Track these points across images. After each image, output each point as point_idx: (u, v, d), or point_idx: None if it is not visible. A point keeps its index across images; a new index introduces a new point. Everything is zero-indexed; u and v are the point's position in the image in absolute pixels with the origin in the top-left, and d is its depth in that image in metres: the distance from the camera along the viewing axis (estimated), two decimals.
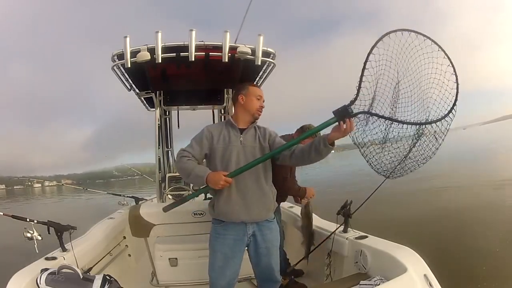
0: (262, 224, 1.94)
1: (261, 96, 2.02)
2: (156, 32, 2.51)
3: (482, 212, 6.70)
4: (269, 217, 1.98)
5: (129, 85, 3.26)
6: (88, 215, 10.15)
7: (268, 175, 1.98)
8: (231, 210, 1.87)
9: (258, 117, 2.02)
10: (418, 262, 1.77)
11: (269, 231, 1.97)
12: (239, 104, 2.00)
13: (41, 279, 1.68)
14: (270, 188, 1.97)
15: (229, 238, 1.90)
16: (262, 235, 1.94)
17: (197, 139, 1.95)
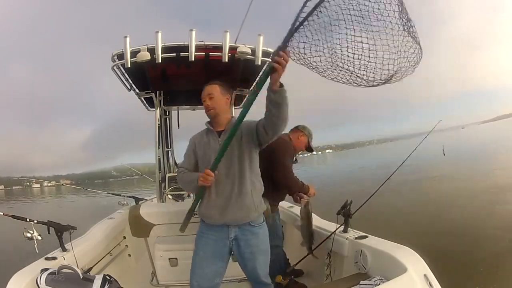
0: (245, 228, 1.83)
1: (204, 96, 1.91)
2: (156, 32, 2.51)
3: (482, 212, 6.71)
4: (252, 220, 1.83)
5: (129, 85, 3.26)
6: (88, 215, 10.15)
7: (252, 174, 1.84)
8: (209, 213, 1.84)
9: (209, 117, 1.93)
10: (418, 262, 1.77)
11: (253, 236, 1.85)
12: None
13: (41, 279, 1.68)
14: (254, 188, 1.83)
15: (211, 238, 1.86)
16: (246, 240, 1.83)
17: (186, 151, 2.00)
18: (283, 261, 2.77)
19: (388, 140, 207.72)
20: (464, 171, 13.08)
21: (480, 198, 8.10)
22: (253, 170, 1.84)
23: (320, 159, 68.72)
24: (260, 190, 1.88)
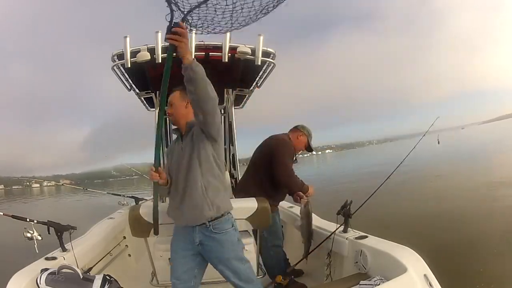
0: (208, 234, 1.74)
1: (167, 104, 1.90)
2: (156, 32, 2.52)
3: (482, 212, 6.71)
4: (210, 220, 1.72)
5: (129, 85, 3.26)
6: (87, 214, 10.16)
7: (205, 171, 1.72)
8: (171, 214, 1.85)
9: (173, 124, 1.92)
10: (418, 262, 1.77)
11: (216, 243, 1.74)
12: None
13: (41, 279, 1.68)
14: (208, 186, 1.71)
15: (180, 239, 1.83)
16: (210, 246, 1.75)
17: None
18: (283, 261, 2.77)
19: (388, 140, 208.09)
20: (463, 171, 13.09)
21: (480, 198, 8.10)
22: (206, 167, 1.72)
23: (320, 159, 68.76)
24: (218, 188, 1.74)
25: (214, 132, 1.67)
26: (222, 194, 1.77)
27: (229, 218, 1.79)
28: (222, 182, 1.78)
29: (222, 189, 1.78)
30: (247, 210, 2.25)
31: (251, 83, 3.48)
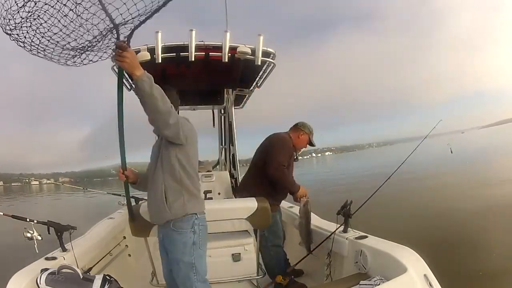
0: (166, 231, 1.75)
1: None
2: (156, 32, 2.51)
3: (482, 213, 6.71)
4: (170, 221, 1.71)
5: (129, 85, 3.26)
6: (87, 213, 10.14)
7: (166, 172, 1.72)
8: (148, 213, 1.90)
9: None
10: (418, 262, 1.77)
11: (169, 240, 1.75)
12: None
13: (41, 279, 1.68)
14: (167, 187, 1.71)
15: (159, 237, 1.90)
16: (164, 242, 1.80)
17: None
18: (283, 261, 2.77)
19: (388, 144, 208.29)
20: (463, 174, 13.08)
21: (480, 198, 8.10)
22: (167, 169, 1.72)
23: (320, 161, 68.80)
24: (179, 191, 1.72)
25: (172, 137, 1.65)
26: (184, 198, 1.72)
27: (192, 220, 1.72)
28: (185, 185, 1.73)
29: (185, 193, 1.73)
30: (247, 210, 2.26)
31: (251, 83, 3.47)
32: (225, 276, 2.36)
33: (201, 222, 1.78)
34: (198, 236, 1.74)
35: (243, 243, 2.38)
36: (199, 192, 1.82)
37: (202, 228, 1.78)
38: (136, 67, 1.47)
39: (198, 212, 1.76)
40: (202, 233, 1.77)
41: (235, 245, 2.38)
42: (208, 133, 4.58)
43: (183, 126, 1.64)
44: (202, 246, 1.77)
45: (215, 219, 2.25)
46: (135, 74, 1.47)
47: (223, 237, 2.37)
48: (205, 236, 1.81)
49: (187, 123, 1.77)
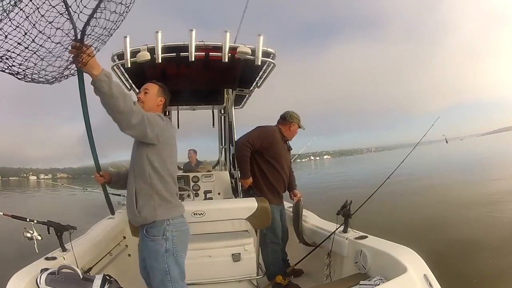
0: (141, 235, 1.72)
1: (141, 89, 1.89)
2: (156, 32, 2.51)
3: (482, 213, 6.71)
4: (143, 225, 1.67)
5: (129, 85, 3.26)
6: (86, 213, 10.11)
7: (137, 176, 1.68)
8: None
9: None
10: (418, 262, 1.77)
11: (144, 246, 1.71)
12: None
13: (41, 279, 1.68)
14: (138, 192, 1.66)
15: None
16: (142, 247, 1.75)
17: None
18: (281, 261, 2.76)
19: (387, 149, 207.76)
20: (463, 177, 13.07)
21: (480, 199, 8.10)
22: (138, 171, 1.67)
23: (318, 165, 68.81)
24: (149, 195, 1.65)
25: (137, 137, 1.60)
26: (154, 202, 1.65)
27: (163, 226, 1.65)
28: (156, 189, 1.65)
29: (156, 197, 1.65)
30: (247, 210, 2.26)
31: (251, 83, 3.47)
32: (225, 276, 2.36)
33: (175, 228, 1.68)
34: (172, 243, 1.65)
35: (243, 243, 2.38)
36: (174, 197, 1.73)
37: (177, 234, 1.68)
38: (94, 66, 1.37)
39: (170, 217, 1.67)
40: (177, 240, 1.67)
41: (235, 245, 2.38)
42: (208, 133, 4.58)
43: (152, 125, 1.55)
44: (178, 252, 1.67)
45: (215, 219, 2.25)
46: (93, 74, 1.37)
47: (223, 237, 2.37)
48: (183, 242, 1.73)
49: (161, 121, 1.66)
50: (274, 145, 2.79)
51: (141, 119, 1.49)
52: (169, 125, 1.74)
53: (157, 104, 1.86)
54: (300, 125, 2.95)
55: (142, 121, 1.50)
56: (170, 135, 1.72)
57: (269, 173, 2.79)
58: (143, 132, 1.53)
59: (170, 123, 1.81)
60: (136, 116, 1.47)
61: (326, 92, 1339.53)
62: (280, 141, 2.85)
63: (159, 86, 1.91)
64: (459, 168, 15.77)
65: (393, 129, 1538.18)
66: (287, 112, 2.95)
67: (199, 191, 3.80)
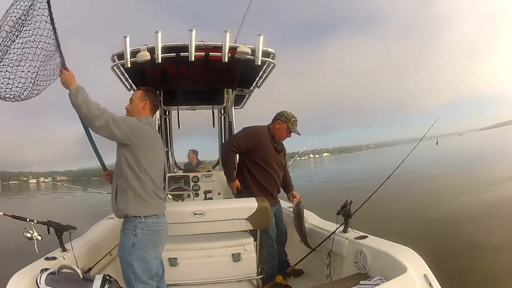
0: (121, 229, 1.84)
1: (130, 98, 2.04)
2: (156, 32, 2.51)
3: (482, 213, 6.70)
4: (118, 215, 1.82)
5: (129, 85, 3.26)
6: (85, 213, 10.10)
7: (117, 173, 1.82)
8: None
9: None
10: (418, 262, 1.77)
11: (120, 239, 1.81)
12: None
13: (41, 279, 1.68)
14: (118, 188, 1.80)
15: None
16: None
17: None
18: (275, 262, 2.74)
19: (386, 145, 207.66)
20: (463, 174, 13.06)
21: (480, 199, 8.09)
22: (118, 169, 1.81)
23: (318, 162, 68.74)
24: (125, 190, 1.77)
25: (108, 137, 1.74)
26: (128, 198, 1.76)
27: (134, 222, 1.75)
28: (131, 185, 1.76)
29: (131, 193, 1.76)
30: (247, 210, 2.26)
31: (251, 83, 3.47)
32: (225, 276, 2.36)
33: (147, 227, 1.76)
34: (140, 240, 1.74)
35: (243, 243, 2.38)
36: (150, 195, 1.79)
37: (148, 232, 1.76)
38: (70, 83, 1.70)
39: (143, 215, 1.76)
40: (146, 237, 1.75)
41: (235, 245, 2.38)
42: (208, 133, 4.58)
43: (120, 126, 1.70)
44: (145, 249, 1.75)
45: (215, 219, 2.25)
46: (68, 88, 1.69)
47: (223, 237, 2.37)
48: (154, 241, 1.79)
49: (136, 122, 1.79)
50: (262, 145, 2.73)
51: (104, 122, 1.66)
52: (148, 127, 1.84)
53: (142, 108, 1.97)
54: (289, 126, 2.80)
55: (107, 124, 1.67)
56: (146, 136, 1.82)
57: (258, 174, 2.73)
58: (110, 133, 1.69)
59: (151, 126, 1.89)
60: (99, 120, 1.66)
61: (325, 90, 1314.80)
62: (269, 140, 2.77)
63: (143, 90, 2.01)
64: (458, 164, 15.75)
65: (392, 126, 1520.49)
66: (281, 111, 2.87)
67: (199, 191, 3.80)
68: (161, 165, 1.98)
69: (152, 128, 1.88)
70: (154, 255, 1.80)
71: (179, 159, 4.86)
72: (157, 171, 1.88)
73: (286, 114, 2.81)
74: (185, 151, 5.43)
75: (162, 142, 2.04)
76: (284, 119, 2.79)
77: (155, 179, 1.83)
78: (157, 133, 1.97)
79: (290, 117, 2.80)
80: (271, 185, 2.78)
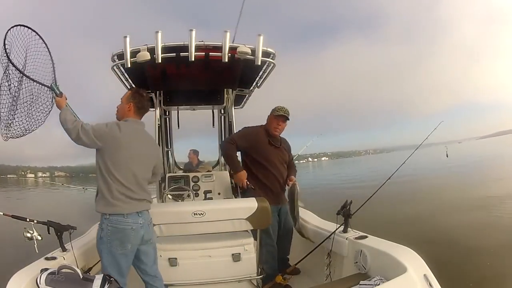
0: None
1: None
2: (156, 32, 2.51)
3: (481, 214, 6.71)
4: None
5: (129, 85, 3.26)
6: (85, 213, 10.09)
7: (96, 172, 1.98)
8: None
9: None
10: (418, 262, 1.77)
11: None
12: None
13: (41, 279, 1.68)
14: (97, 184, 1.96)
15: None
16: None
17: None
18: (275, 261, 2.74)
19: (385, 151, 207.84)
20: (463, 179, 13.06)
21: (480, 199, 8.10)
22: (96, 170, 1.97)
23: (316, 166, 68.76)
24: (99, 190, 1.93)
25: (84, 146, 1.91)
26: (98, 196, 1.93)
27: (102, 218, 1.91)
28: (100, 185, 1.92)
29: (99, 192, 1.92)
30: (247, 210, 2.26)
31: (251, 83, 3.47)
32: (225, 276, 2.36)
33: (110, 223, 1.87)
34: (106, 235, 1.89)
35: (243, 243, 2.38)
36: (114, 196, 1.88)
37: (112, 229, 1.87)
38: (60, 106, 2.01)
39: (107, 213, 1.88)
40: (111, 234, 1.87)
41: (235, 245, 2.38)
42: (208, 133, 4.58)
43: (87, 133, 1.87)
44: (111, 245, 1.88)
45: (215, 219, 2.25)
46: (58, 109, 2.01)
47: (223, 237, 2.37)
48: (118, 239, 1.88)
49: (102, 128, 1.92)
50: (259, 143, 2.81)
51: (76, 135, 1.87)
52: (114, 130, 1.93)
53: (127, 109, 2.05)
54: (275, 113, 2.84)
55: (78, 136, 1.87)
56: (111, 139, 1.92)
57: (258, 172, 2.79)
58: (81, 140, 1.88)
59: (117, 129, 1.94)
60: (73, 132, 1.87)
61: (324, 92, 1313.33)
62: (265, 139, 2.84)
63: (130, 92, 2.10)
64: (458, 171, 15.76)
65: (391, 131, 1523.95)
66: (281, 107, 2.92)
67: (199, 191, 3.80)
68: (137, 165, 1.98)
69: (119, 130, 1.94)
70: (120, 252, 1.90)
71: (179, 159, 4.87)
72: (128, 172, 1.93)
73: (273, 109, 2.91)
74: (184, 151, 5.42)
75: (143, 140, 2.06)
76: (272, 112, 2.90)
77: (123, 180, 1.90)
78: (131, 133, 1.99)
79: (276, 109, 2.89)
80: (271, 182, 2.79)
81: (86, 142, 1.88)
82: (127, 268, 1.97)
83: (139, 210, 1.94)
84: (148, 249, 2.06)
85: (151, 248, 2.09)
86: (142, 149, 2.01)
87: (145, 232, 1.98)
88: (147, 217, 2.01)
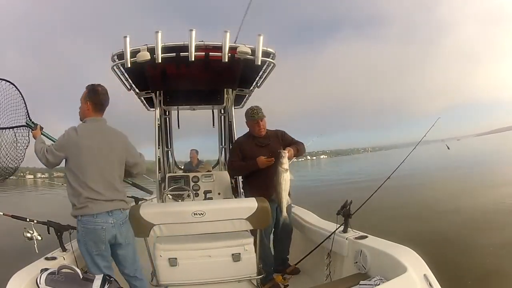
0: None
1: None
2: (156, 32, 2.51)
3: (481, 214, 6.70)
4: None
5: (129, 85, 3.26)
6: None
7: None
8: None
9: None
10: (418, 262, 1.77)
11: None
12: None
13: (41, 279, 1.68)
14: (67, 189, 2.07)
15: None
16: None
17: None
18: (270, 262, 2.74)
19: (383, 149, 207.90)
20: (463, 177, 13.06)
21: (480, 200, 8.09)
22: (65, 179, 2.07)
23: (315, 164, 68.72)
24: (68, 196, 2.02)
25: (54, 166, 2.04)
26: (71, 200, 1.99)
27: (77, 222, 1.98)
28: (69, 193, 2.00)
29: (69, 197, 2.00)
30: (247, 210, 2.26)
31: (251, 83, 3.47)
32: (225, 276, 2.36)
33: (83, 224, 1.94)
34: (82, 235, 1.96)
35: (243, 243, 2.38)
36: (79, 200, 1.94)
37: (84, 230, 1.94)
38: (35, 137, 2.21)
39: (79, 215, 1.95)
40: (85, 234, 1.94)
41: (235, 245, 2.38)
42: (208, 133, 4.59)
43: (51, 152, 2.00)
44: (87, 245, 1.95)
45: (215, 219, 2.25)
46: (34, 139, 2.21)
47: (223, 237, 2.36)
48: (92, 239, 1.94)
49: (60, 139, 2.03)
50: (247, 149, 2.85)
51: (45, 160, 2.01)
52: (70, 136, 2.00)
53: (87, 109, 2.08)
54: (251, 120, 2.83)
55: (46, 160, 2.00)
56: (69, 146, 1.98)
57: (250, 173, 2.84)
58: (52, 163, 2.00)
59: (74, 133, 2.00)
60: (42, 159, 2.02)
61: (323, 91, 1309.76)
62: (251, 142, 2.86)
63: (85, 90, 2.11)
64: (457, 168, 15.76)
65: (389, 129, 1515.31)
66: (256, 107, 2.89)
67: (199, 191, 3.80)
68: (103, 163, 2.00)
69: (76, 133, 2.00)
70: (96, 253, 1.95)
71: (179, 159, 4.87)
72: (94, 172, 1.96)
73: (245, 114, 2.92)
74: (185, 151, 5.43)
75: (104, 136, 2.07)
76: (246, 119, 2.90)
77: (90, 182, 1.94)
78: (89, 133, 2.02)
79: (248, 114, 2.88)
80: (263, 181, 2.68)
81: (53, 161, 1.99)
82: (106, 268, 1.99)
83: (109, 209, 1.97)
84: (125, 252, 2.09)
85: (128, 250, 2.11)
86: (104, 145, 2.02)
87: (118, 232, 2.00)
88: (120, 217, 2.03)
